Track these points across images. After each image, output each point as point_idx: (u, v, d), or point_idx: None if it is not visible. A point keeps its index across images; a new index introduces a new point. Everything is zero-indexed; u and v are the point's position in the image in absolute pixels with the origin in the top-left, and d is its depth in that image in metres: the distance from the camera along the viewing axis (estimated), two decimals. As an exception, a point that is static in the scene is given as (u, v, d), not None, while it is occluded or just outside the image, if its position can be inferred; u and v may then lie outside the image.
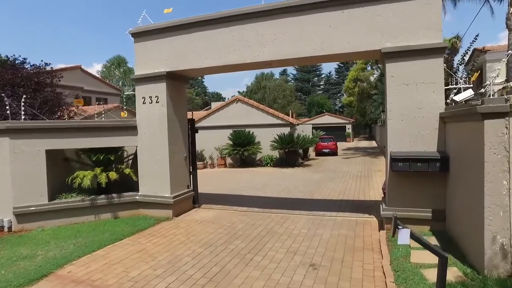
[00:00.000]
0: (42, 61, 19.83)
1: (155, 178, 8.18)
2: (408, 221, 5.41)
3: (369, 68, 26.62)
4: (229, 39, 7.27)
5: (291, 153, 18.77)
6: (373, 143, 40.76)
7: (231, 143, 19.60)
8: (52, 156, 7.78)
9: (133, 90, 8.55)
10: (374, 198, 9.49)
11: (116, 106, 18.13)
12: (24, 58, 13.86)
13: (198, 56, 7.61)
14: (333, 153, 25.75)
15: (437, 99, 5.83)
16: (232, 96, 18.86)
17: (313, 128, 32.85)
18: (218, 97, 70.01)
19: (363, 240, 5.97)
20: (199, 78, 79.82)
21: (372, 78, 26.54)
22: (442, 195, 5.82)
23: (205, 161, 20.64)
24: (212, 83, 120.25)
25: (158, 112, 8.08)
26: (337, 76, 78.00)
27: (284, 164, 18.86)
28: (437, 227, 5.78)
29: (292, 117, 22.39)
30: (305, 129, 28.15)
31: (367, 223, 7.03)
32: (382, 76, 22.27)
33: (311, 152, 26.85)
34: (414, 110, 5.92)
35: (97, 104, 16.87)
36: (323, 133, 29.34)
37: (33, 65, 13.41)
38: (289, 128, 19.52)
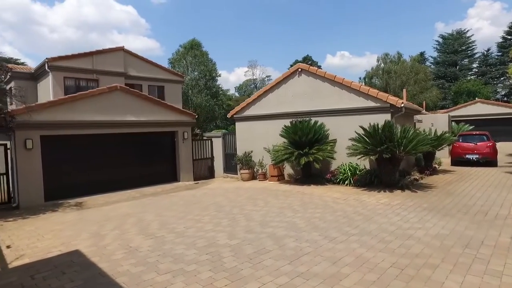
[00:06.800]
0: None
1: None
2: None
3: None
4: None
5: (387, 162, 9.87)
6: None
7: (286, 142, 12.04)
8: None
9: None
10: None
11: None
12: None
13: None
14: (487, 161, 14.64)
15: None
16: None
17: (452, 121, 21.44)
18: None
19: None
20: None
21: None
22: None
23: (253, 168, 13.65)
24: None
25: None
26: (499, 54, 57.30)
27: (375, 183, 10.13)
28: None
29: (425, 107, 12.80)
30: (438, 124, 17.72)
31: None
32: None
33: (444, 159, 16.36)
34: None
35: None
36: (469, 127, 18.13)
37: None
38: (388, 114, 10.58)
